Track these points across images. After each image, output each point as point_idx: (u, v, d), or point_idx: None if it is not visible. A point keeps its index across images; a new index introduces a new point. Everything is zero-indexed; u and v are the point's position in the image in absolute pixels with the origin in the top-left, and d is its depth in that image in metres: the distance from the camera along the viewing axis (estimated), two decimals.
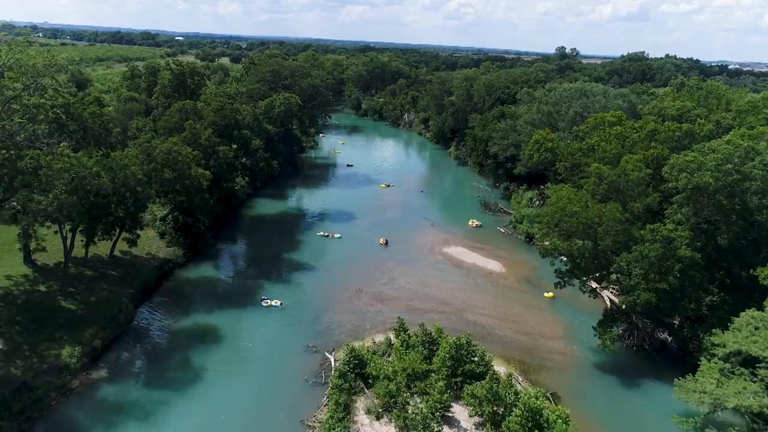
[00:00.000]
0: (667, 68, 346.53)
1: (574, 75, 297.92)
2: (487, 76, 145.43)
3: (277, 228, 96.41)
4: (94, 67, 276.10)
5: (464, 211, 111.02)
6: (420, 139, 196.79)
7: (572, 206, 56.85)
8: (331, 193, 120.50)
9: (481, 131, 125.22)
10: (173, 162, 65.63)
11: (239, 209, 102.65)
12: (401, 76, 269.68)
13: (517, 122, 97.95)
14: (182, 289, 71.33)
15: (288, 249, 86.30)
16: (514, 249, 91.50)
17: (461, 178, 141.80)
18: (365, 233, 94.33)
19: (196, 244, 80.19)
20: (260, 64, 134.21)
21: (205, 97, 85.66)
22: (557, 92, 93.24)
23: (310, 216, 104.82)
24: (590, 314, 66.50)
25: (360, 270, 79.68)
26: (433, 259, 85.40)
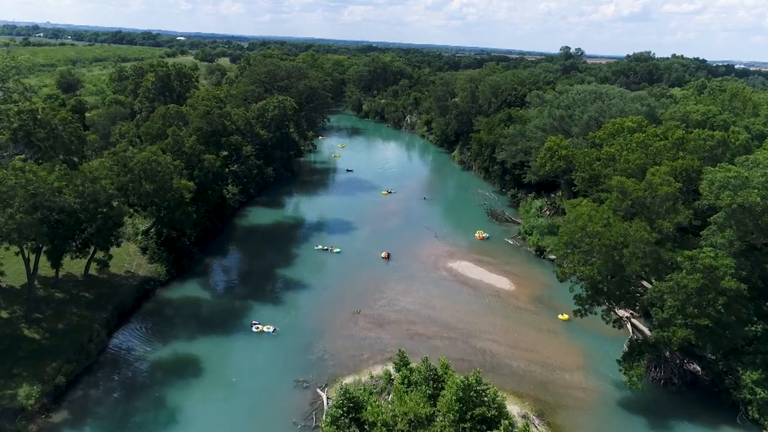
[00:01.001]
0: (674, 68, 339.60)
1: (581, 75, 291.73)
2: (492, 77, 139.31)
3: (272, 240, 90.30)
4: (90, 68, 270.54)
5: (469, 221, 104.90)
6: (422, 142, 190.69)
7: (593, 225, 50.69)
8: (330, 201, 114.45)
9: (487, 135, 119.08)
10: (152, 173, 59.64)
11: (231, 219, 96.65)
12: (403, 76, 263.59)
13: (527, 127, 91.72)
14: (163, 311, 65.30)
15: (282, 264, 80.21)
16: (523, 263, 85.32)
17: (466, 183, 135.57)
18: (366, 246, 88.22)
19: (181, 259, 74.20)
20: (255, 65, 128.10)
21: (191, 100, 79.78)
22: (570, 95, 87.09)
23: (307, 226, 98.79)
24: (611, 340, 60.38)
25: (359, 288, 73.60)
26: (437, 275, 79.25)
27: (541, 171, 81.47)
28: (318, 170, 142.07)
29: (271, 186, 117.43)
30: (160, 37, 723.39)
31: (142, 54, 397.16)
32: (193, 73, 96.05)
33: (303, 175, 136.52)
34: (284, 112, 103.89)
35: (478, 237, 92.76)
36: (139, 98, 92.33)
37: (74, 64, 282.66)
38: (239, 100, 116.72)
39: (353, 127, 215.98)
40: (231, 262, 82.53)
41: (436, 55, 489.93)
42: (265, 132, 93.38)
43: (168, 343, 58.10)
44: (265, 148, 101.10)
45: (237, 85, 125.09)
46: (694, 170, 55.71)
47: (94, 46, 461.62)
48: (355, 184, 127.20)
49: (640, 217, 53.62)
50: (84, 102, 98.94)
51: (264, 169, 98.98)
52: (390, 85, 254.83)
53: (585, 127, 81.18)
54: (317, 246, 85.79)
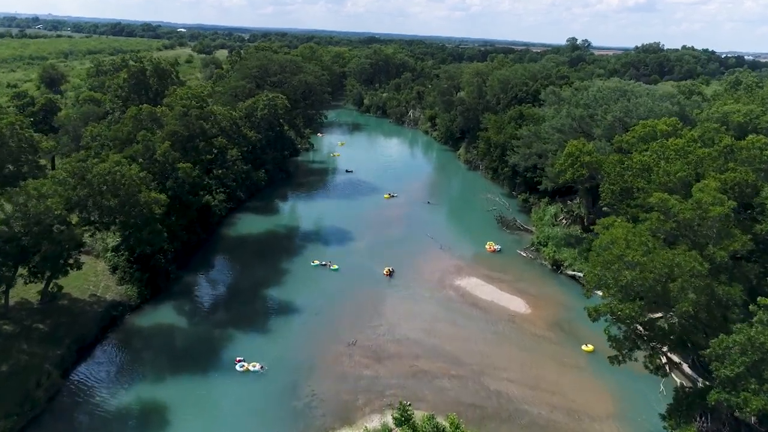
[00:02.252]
0: (685, 60, 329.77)
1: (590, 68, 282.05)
2: (501, 71, 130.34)
3: (262, 252, 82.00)
4: (82, 61, 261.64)
5: (477, 229, 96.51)
6: (426, 139, 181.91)
7: (632, 253, 42.24)
8: (328, 206, 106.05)
9: (496, 135, 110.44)
10: (114, 186, 51.38)
11: (217, 228, 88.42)
12: (406, 69, 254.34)
13: (542, 127, 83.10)
14: (131, 342, 57.23)
15: (272, 282, 71.97)
16: (538, 279, 77.00)
17: (472, 185, 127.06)
18: (365, 259, 79.89)
19: (157, 279, 66.06)
20: (247, 59, 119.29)
21: (168, 100, 71.38)
22: (590, 92, 78.44)
23: (301, 235, 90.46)
24: (644, 378, 51.72)
25: (356, 311, 65.44)
26: (444, 294, 71.00)
27: (561, 179, 72.98)
28: (315, 171, 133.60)
29: (263, 189, 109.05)
30: (160, 29, 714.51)
31: (138, 46, 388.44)
32: (173, 69, 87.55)
33: (299, 176, 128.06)
34: (275, 111, 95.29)
35: (489, 249, 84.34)
36: (109, 97, 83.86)
37: (66, 56, 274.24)
38: (228, 97, 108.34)
39: (354, 122, 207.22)
40: (215, 279, 74.24)
41: (439, 47, 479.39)
42: (253, 133, 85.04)
43: (133, 386, 50.05)
44: (254, 150, 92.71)
45: (227, 80, 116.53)
46: (748, 185, 47.21)
47: (90, 38, 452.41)
48: (354, 187, 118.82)
49: (684, 241, 45.20)
50: (55, 100, 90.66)
51: (252, 173, 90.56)
52: (392, 78, 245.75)
53: (609, 128, 72.57)
54: (313, 262, 77.36)
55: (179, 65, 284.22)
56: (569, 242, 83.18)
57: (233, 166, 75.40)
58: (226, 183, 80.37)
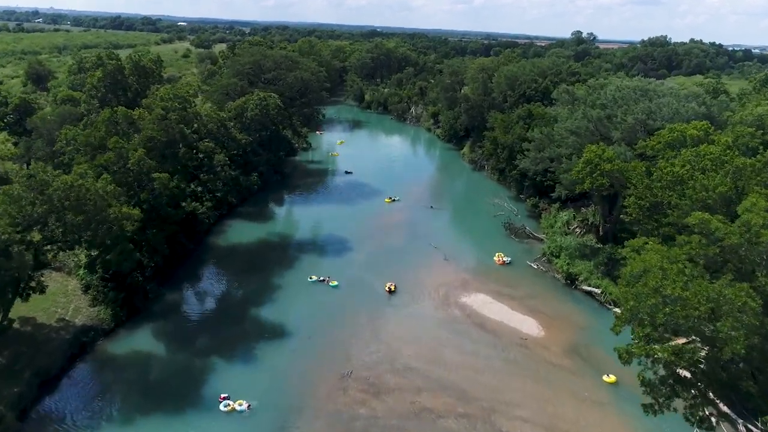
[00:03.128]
0: (694, 54, 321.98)
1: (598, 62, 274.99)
2: (508, 67, 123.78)
3: (253, 265, 75.96)
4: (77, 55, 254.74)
5: (484, 236, 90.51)
6: (429, 136, 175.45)
7: (670, 285, 36.18)
8: (325, 211, 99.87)
9: (504, 135, 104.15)
10: (77, 201, 45.41)
11: (205, 237, 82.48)
12: (408, 63, 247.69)
13: (555, 129, 76.81)
14: (102, 375, 51.42)
15: (263, 300, 66.05)
16: (551, 295, 70.97)
17: (478, 187, 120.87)
18: (365, 273, 73.85)
19: (133, 298, 60.18)
20: (240, 55, 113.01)
21: (147, 101, 65.25)
22: (608, 92, 72.07)
23: (296, 245, 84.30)
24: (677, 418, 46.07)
25: (353, 334, 59.57)
26: (449, 314, 65.00)
27: (578, 188, 66.76)
28: (313, 172, 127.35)
29: (256, 193, 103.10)
30: (160, 23, 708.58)
31: (136, 40, 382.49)
32: (154, 67, 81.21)
33: (296, 177, 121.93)
34: (266, 112, 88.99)
35: (498, 261, 78.19)
36: (84, 98, 77.52)
37: (60, 51, 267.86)
38: (219, 95, 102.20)
39: (354, 119, 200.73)
40: (200, 297, 68.21)
41: (441, 41, 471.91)
42: (243, 135, 78.94)
43: (99, 429, 44.26)
44: (245, 153, 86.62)
45: (218, 77, 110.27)
46: None
47: (87, 33, 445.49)
48: (354, 189, 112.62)
49: (730, 269, 39.12)
50: (31, 101, 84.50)
51: (242, 179, 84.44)
52: (394, 73, 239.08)
53: (629, 132, 66.28)
54: (311, 277, 71.12)
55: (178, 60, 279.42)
56: (583, 253, 77.06)
57: (221, 171, 69.39)
58: (213, 190, 74.28)
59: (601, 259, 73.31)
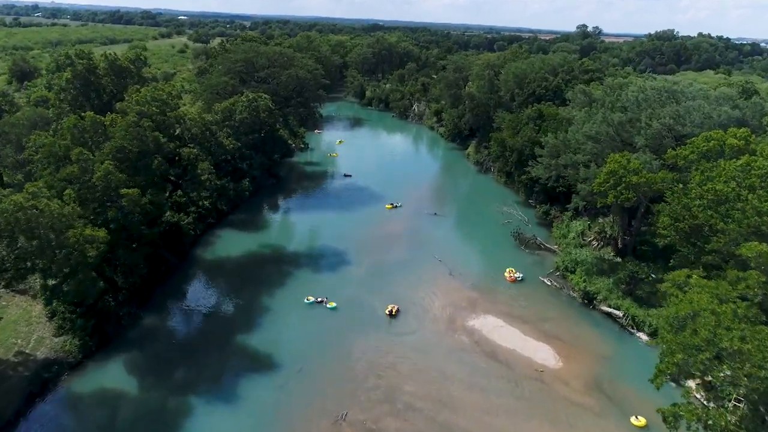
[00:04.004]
0: (703, 48, 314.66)
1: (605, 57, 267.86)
2: (516, 63, 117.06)
3: (242, 282, 69.81)
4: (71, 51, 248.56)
5: (492, 247, 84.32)
6: (431, 135, 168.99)
7: (728, 337, 29.91)
8: (322, 219, 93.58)
9: (512, 137, 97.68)
10: (29, 224, 39.24)
11: (192, 249, 76.41)
12: (410, 58, 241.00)
13: (570, 132, 70.23)
14: (63, 418, 45.47)
15: (251, 324, 59.96)
16: (567, 318, 64.70)
17: (484, 191, 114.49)
18: (364, 292, 67.60)
19: (105, 325, 54.13)
20: (232, 51, 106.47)
21: (121, 105, 58.80)
22: (630, 93, 65.37)
23: (290, 259, 77.72)
24: None
25: (349, 367, 53.47)
26: (456, 341, 58.75)
27: (599, 201, 60.34)
28: (310, 174, 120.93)
29: (250, 198, 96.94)
30: (159, 17, 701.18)
31: (133, 35, 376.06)
32: (133, 66, 74.59)
33: (292, 181, 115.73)
34: (256, 114, 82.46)
35: (508, 278, 71.83)
36: (51, 101, 70.90)
37: (54, 46, 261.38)
38: (209, 95, 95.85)
39: (355, 117, 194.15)
40: (181, 321, 61.86)
41: (444, 35, 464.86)
42: (230, 141, 72.58)
43: None
44: (233, 159, 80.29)
45: (209, 76, 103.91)
46: None
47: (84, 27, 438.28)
48: (353, 194, 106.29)
49: None
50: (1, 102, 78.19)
51: (230, 187, 78.11)
52: (396, 68, 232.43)
53: (655, 138, 59.79)
54: (307, 298, 64.75)
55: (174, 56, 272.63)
56: (601, 269, 70.81)
57: (205, 181, 63.17)
58: (196, 201, 68.13)
59: (621, 276, 66.99)
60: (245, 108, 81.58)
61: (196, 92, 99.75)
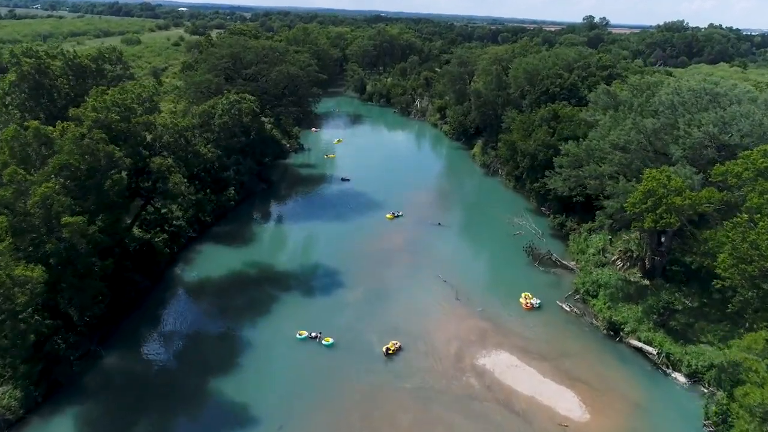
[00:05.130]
0: (716, 40, 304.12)
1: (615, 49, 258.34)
2: (527, 58, 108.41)
3: (223, 309, 61.84)
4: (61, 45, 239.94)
5: (502, 264, 76.48)
6: (435, 133, 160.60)
7: None
8: (316, 230, 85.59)
9: (523, 139, 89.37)
10: None
11: (167, 269, 68.46)
12: (413, 51, 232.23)
13: (591, 140, 61.70)
14: None
15: (229, 367, 51.83)
16: (591, 353, 56.71)
17: (491, 196, 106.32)
18: (360, 323, 59.55)
19: (55, 370, 46.30)
20: (219, 46, 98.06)
21: (76, 112, 50.43)
22: (663, 96, 56.73)
23: (278, 280, 69.30)
24: None
25: (338, 424, 45.52)
26: (464, 385, 50.72)
27: (634, 225, 52.07)
28: (305, 178, 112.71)
29: (237, 206, 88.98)
30: (159, 8, 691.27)
31: (129, 27, 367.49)
32: (92, 65, 66.13)
33: (284, 185, 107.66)
34: (239, 118, 74.09)
35: (524, 305, 63.66)
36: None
37: (45, 40, 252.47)
38: (193, 93, 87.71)
39: (354, 113, 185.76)
40: (147, 360, 53.66)
41: (447, 26, 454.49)
42: (208, 149, 64.37)
43: None
44: (213, 169, 72.16)
45: (191, 73, 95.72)
46: None
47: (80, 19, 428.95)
48: (351, 201, 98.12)
49: None
50: None
51: (207, 202, 70.05)
52: (398, 61, 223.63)
53: (695, 149, 51.55)
54: (299, 333, 56.47)
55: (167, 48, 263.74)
56: (627, 293, 62.69)
57: (178, 195, 55.24)
58: (168, 218, 60.17)
59: (651, 303, 58.89)
60: (226, 111, 73.25)
61: (179, 91, 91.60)
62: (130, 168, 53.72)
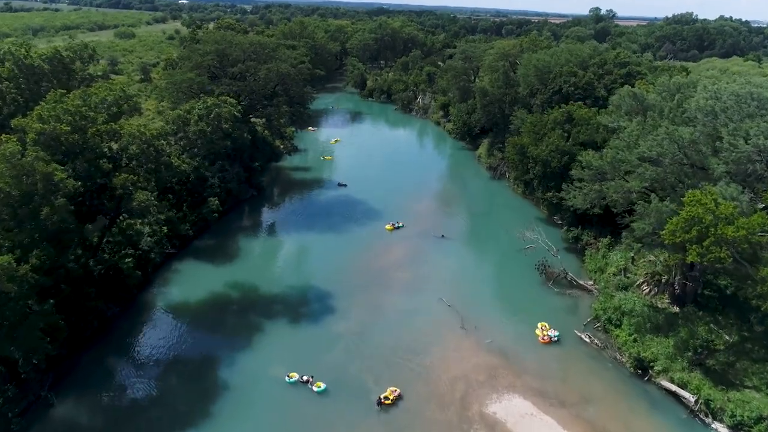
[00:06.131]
0: (727, 32, 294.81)
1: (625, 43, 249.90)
2: (537, 54, 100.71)
3: (198, 343, 54.82)
4: (51, 39, 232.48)
5: (512, 284, 69.38)
6: (437, 131, 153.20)
7: None
8: (309, 245, 78.49)
9: (534, 144, 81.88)
10: None
11: (140, 294, 61.40)
12: (415, 45, 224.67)
13: (615, 150, 54.02)
14: None
15: (202, 419, 44.98)
16: (617, 396, 49.55)
17: (498, 203, 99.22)
18: (355, 361, 52.53)
19: None
20: (205, 42, 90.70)
21: (18, 122, 43.22)
22: (700, 100, 49.12)
23: (263, 305, 61.93)
24: None
25: None
26: None
27: (672, 259, 44.63)
28: (299, 183, 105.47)
29: (223, 216, 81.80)
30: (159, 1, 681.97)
31: (125, 20, 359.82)
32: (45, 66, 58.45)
33: (276, 192, 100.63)
34: (217, 124, 66.49)
35: (540, 338, 56.25)
36: None
37: (35, 33, 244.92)
38: (174, 93, 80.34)
39: (354, 110, 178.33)
40: (107, 409, 46.36)
41: (450, 18, 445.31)
42: (182, 160, 57.12)
43: None
44: (188, 183, 64.79)
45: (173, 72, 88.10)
46: None
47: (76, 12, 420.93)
48: (348, 209, 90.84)
49: None
50: None
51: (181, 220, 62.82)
52: (399, 56, 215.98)
53: (741, 163, 44.20)
54: (289, 376, 49.06)
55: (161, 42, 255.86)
56: (656, 323, 55.38)
57: (144, 216, 48.14)
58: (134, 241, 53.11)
59: (684, 337, 51.70)
60: (202, 117, 65.65)
61: (158, 91, 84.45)
62: (90, 186, 46.57)
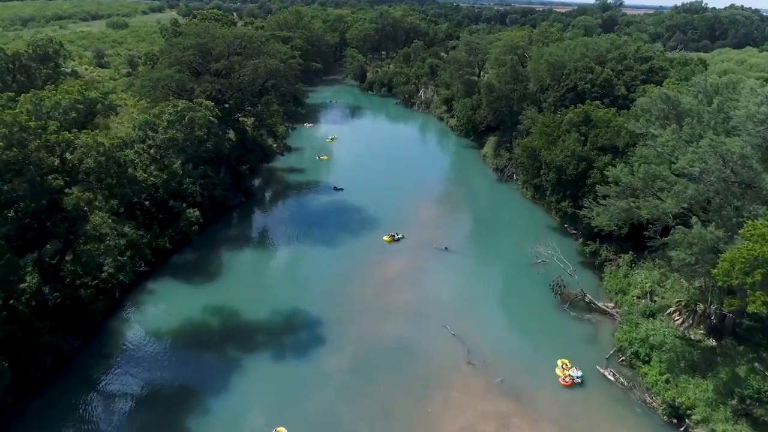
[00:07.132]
0: (740, 22, 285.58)
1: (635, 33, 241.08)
2: (549, 48, 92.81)
3: (167, 385, 47.99)
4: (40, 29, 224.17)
5: (523, 306, 62.27)
6: (440, 127, 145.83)
7: None
8: (297, 262, 71.59)
9: (547, 147, 74.53)
10: None
11: (105, 322, 54.46)
12: (417, 35, 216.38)
13: (651, 165, 46.62)
14: None
15: None
16: None
17: (507, 209, 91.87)
18: (346, 412, 45.61)
19: None
20: (187, 35, 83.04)
21: None
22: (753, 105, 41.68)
23: (243, 336, 54.64)
24: None
25: None
26: None
27: (727, 304, 37.17)
28: (292, 186, 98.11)
29: (206, 226, 74.75)
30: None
31: (121, 9, 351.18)
32: None
33: (266, 197, 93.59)
34: (190, 131, 58.80)
35: (562, 380, 49.02)
36: None
37: (25, 24, 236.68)
38: (150, 91, 72.91)
39: (353, 104, 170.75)
40: None
41: (453, 7, 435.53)
42: (147, 174, 50.03)
43: None
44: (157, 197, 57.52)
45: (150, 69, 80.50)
46: None
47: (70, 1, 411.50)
48: (343, 217, 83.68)
49: None
50: None
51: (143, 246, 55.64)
52: (401, 46, 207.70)
53: None
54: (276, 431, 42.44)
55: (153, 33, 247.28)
56: (690, 361, 48.27)
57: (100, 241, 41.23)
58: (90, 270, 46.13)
59: (725, 378, 44.71)
60: (173, 123, 58.12)
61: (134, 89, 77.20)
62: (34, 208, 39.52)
